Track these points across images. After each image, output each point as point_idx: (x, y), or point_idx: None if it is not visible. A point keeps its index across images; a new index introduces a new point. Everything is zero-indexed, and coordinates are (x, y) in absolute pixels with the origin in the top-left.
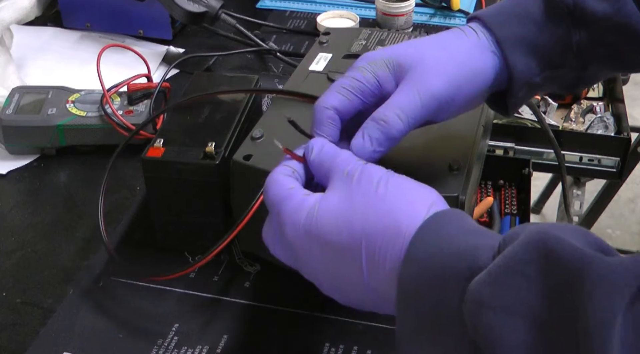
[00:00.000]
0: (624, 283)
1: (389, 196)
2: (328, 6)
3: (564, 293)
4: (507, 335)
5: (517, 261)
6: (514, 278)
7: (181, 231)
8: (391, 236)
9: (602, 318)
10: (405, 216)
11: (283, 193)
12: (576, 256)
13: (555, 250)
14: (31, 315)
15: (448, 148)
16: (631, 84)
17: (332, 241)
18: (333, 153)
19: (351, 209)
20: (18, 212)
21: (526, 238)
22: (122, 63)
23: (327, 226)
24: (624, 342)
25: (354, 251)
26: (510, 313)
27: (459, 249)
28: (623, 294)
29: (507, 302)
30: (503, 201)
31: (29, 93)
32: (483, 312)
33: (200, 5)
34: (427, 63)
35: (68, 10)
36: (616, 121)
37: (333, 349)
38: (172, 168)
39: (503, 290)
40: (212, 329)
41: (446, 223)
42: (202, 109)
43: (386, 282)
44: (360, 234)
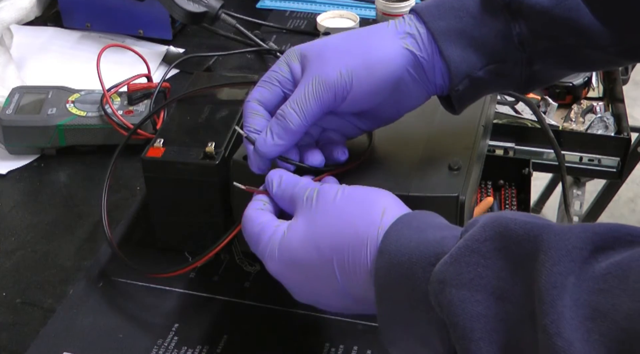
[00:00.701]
0: (573, 246)
1: (345, 211)
2: (328, 6)
3: (520, 264)
4: (468, 308)
5: (474, 241)
6: (472, 256)
7: (181, 231)
8: (356, 247)
9: (552, 280)
10: (362, 225)
11: (256, 229)
12: (528, 229)
13: (509, 227)
14: (31, 315)
15: (448, 148)
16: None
17: (306, 264)
18: (292, 182)
19: (315, 231)
20: (18, 212)
21: (483, 221)
22: (122, 63)
23: (298, 252)
24: (577, 301)
25: (327, 268)
26: (469, 288)
27: (427, 240)
28: (572, 257)
29: (466, 278)
30: (503, 201)
31: (29, 93)
32: (446, 290)
33: (200, 5)
34: (326, 54)
35: (68, 10)
36: (616, 121)
37: (333, 349)
38: (172, 168)
39: (462, 267)
40: (212, 329)
41: (416, 219)
42: (202, 109)
43: (362, 286)
44: (328, 252)
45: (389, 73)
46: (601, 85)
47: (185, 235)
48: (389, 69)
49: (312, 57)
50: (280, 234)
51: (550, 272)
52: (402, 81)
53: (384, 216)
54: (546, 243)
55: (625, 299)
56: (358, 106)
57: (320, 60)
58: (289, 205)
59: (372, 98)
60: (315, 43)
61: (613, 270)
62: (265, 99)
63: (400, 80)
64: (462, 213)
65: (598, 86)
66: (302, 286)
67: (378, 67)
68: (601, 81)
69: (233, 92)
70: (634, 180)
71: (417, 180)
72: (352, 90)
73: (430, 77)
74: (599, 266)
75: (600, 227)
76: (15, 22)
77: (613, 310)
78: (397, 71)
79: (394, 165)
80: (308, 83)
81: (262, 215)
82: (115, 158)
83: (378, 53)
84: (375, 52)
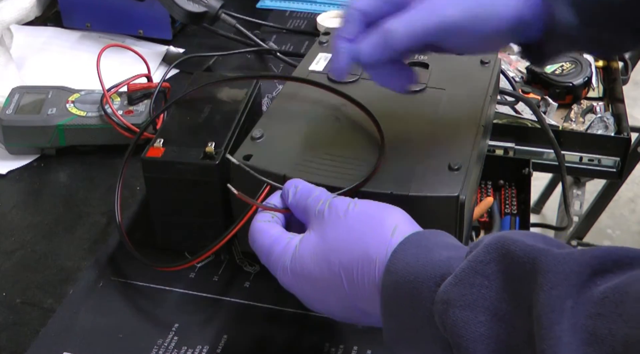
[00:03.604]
0: (571, 271)
1: (355, 228)
2: (328, 6)
3: (521, 287)
4: (471, 329)
5: (478, 263)
6: (476, 277)
7: (181, 231)
8: (364, 264)
9: (550, 304)
10: (372, 243)
11: (268, 241)
12: (528, 252)
13: (511, 250)
14: (31, 315)
15: (448, 148)
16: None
17: (316, 277)
18: (306, 192)
19: (326, 246)
20: (18, 212)
21: (486, 242)
22: (122, 63)
23: (309, 266)
24: (575, 325)
25: (337, 282)
26: (472, 308)
27: (432, 260)
28: (570, 280)
29: (470, 299)
30: (503, 201)
31: (29, 93)
32: (449, 310)
33: (200, 5)
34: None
35: (68, 10)
36: (616, 121)
37: (333, 349)
38: (172, 168)
39: (466, 288)
40: (212, 329)
41: (425, 239)
42: (202, 109)
43: (369, 301)
44: (338, 267)
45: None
46: (601, 85)
47: (185, 235)
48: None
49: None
50: (292, 248)
51: (549, 295)
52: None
53: (394, 234)
54: (545, 266)
55: (622, 325)
56: (463, 47)
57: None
58: (302, 215)
59: (481, 46)
60: None
61: (610, 294)
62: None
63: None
64: (462, 213)
65: (598, 86)
66: (313, 298)
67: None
68: (601, 81)
69: (233, 92)
70: (634, 180)
71: (417, 180)
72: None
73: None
74: (597, 290)
75: (598, 251)
76: (15, 22)
77: (610, 336)
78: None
79: (393, 165)
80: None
81: (273, 227)
82: (126, 159)
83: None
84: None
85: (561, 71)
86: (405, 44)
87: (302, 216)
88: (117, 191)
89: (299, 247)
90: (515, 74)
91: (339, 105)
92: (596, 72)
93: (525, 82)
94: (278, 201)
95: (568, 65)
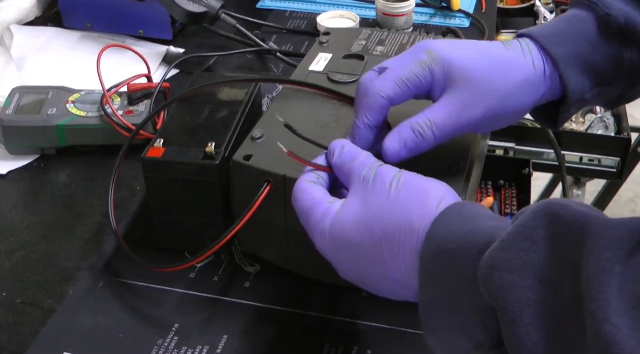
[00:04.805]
0: (621, 236)
1: (400, 197)
2: (328, 6)
3: (569, 252)
4: (518, 293)
5: (527, 228)
6: (524, 242)
7: (181, 231)
8: (407, 235)
9: (600, 266)
10: (417, 214)
11: (308, 203)
12: (578, 217)
13: (560, 215)
14: (31, 315)
15: (448, 148)
16: None
17: (356, 244)
18: (352, 155)
19: (369, 213)
20: (18, 212)
21: (534, 208)
22: (122, 63)
23: (350, 232)
24: (623, 289)
25: (376, 251)
26: (519, 273)
27: (476, 228)
28: (621, 245)
29: (517, 264)
30: (503, 201)
31: (29, 93)
32: (495, 274)
33: (200, 5)
34: (472, 84)
35: (68, 10)
36: (616, 121)
37: (333, 349)
38: (172, 168)
39: (513, 253)
40: (212, 329)
41: (466, 208)
42: (202, 109)
43: (408, 273)
44: (379, 236)
45: (527, 105)
46: None
47: (186, 235)
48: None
49: (459, 80)
50: (333, 212)
51: (599, 258)
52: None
53: (439, 206)
54: (596, 229)
55: None
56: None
57: (468, 91)
58: (345, 178)
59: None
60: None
61: None
62: (396, 99)
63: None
64: None
65: None
66: (349, 265)
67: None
68: None
69: (233, 92)
70: (634, 180)
71: None
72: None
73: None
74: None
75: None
76: (15, 22)
77: None
78: (531, 103)
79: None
80: (452, 111)
81: (316, 189)
82: (119, 159)
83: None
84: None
85: None
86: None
87: (345, 178)
88: (110, 195)
89: (340, 212)
90: None
91: (339, 105)
92: None
93: None
94: (323, 162)
95: None
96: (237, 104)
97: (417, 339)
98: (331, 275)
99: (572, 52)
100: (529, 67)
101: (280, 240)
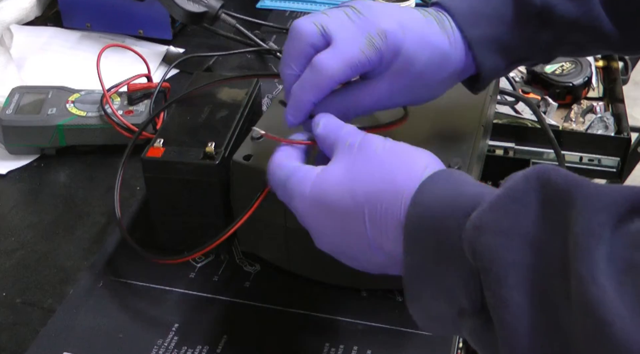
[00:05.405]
0: (613, 201)
1: (387, 161)
2: (328, 6)
3: (559, 215)
4: (504, 254)
5: (516, 191)
6: (513, 204)
7: (181, 231)
8: (390, 197)
9: (590, 228)
10: (402, 178)
11: (287, 171)
12: (569, 181)
13: (551, 179)
14: (31, 315)
15: (448, 148)
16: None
17: (337, 207)
18: (338, 125)
19: (353, 176)
20: (18, 212)
21: (525, 172)
22: (122, 63)
23: (331, 195)
24: (611, 254)
25: (358, 215)
26: (507, 235)
27: (463, 193)
28: (612, 210)
29: (505, 225)
30: None
31: (29, 93)
32: (482, 236)
33: (200, 5)
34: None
35: (68, 10)
36: (616, 121)
37: (333, 349)
38: (172, 168)
39: (502, 215)
40: (212, 329)
41: (454, 175)
42: (202, 109)
43: (390, 240)
44: (362, 199)
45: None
46: (601, 85)
47: (185, 235)
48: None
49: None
50: (313, 174)
51: (589, 221)
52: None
53: (426, 172)
54: (587, 192)
55: None
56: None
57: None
58: (329, 149)
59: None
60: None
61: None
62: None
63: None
64: None
65: (598, 86)
66: (328, 232)
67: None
68: (601, 81)
69: (233, 92)
70: (634, 180)
71: None
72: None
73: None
74: (634, 226)
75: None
76: (15, 22)
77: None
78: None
79: None
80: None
81: (293, 162)
82: (124, 159)
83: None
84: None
85: (561, 71)
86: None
87: (329, 148)
88: (117, 182)
89: (322, 175)
90: (515, 74)
91: None
92: (596, 72)
93: (525, 82)
94: (303, 137)
95: (568, 65)
96: (237, 104)
97: (418, 339)
98: (331, 275)
99: (487, 34)
100: (458, 59)
101: (280, 240)
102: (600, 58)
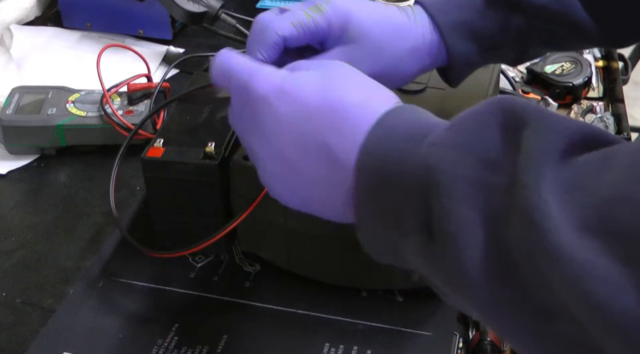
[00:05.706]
0: (566, 128)
1: (364, 81)
2: None
3: (514, 138)
4: (455, 167)
5: (477, 114)
6: (471, 124)
7: (181, 231)
8: (361, 114)
9: (543, 146)
10: (377, 100)
11: (250, 65)
12: (528, 106)
13: (511, 104)
14: (31, 315)
15: None
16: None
17: (306, 101)
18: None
19: (331, 79)
20: (18, 212)
21: (486, 99)
22: (122, 63)
23: (303, 86)
24: (559, 175)
25: (326, 115)
26: (460, 150)
27: (419, 120)
28: (564, 135)
29: (460, 141)
30: None
31: (29, 93)
32: (437, 151)
33: (200, 5)
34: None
35: (68, 10)
36: (616, 121)
37: (333, 350)
38: (172, 168)
39: (458, 132)
40: (212, 329)
41: (419, 109)
42: (202, 109)
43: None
44: (336, 101)
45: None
46: (601, 85)
47: (186, 235)
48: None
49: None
50: (283, 71)
51: (542, 139)
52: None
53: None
54: (543, 117)
55: (607, 176)
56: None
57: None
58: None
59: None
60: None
61: (599, 154)
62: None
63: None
64: None
65: (598, 86)
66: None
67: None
68: (601, 81)
69: None
70: None
71: None
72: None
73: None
74: (582, 158)
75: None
76: (15, 22)
77: (592, 184)
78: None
79: None
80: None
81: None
82: (119, 158)
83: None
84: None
85: (561, 71)
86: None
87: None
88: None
89: (299, 72)
90: (515, 74)
91: None
92: (596, 72)
93: (525, 82)
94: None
95: (568, 65)
96: None
97: (418, 339)
98: (331, 275)
99: (458, 21)
100: (419, 36)
101: (280, 240)
102: (600, 58)
